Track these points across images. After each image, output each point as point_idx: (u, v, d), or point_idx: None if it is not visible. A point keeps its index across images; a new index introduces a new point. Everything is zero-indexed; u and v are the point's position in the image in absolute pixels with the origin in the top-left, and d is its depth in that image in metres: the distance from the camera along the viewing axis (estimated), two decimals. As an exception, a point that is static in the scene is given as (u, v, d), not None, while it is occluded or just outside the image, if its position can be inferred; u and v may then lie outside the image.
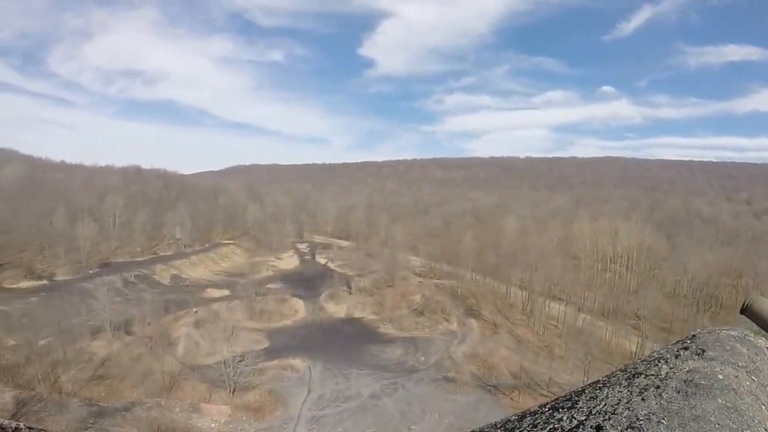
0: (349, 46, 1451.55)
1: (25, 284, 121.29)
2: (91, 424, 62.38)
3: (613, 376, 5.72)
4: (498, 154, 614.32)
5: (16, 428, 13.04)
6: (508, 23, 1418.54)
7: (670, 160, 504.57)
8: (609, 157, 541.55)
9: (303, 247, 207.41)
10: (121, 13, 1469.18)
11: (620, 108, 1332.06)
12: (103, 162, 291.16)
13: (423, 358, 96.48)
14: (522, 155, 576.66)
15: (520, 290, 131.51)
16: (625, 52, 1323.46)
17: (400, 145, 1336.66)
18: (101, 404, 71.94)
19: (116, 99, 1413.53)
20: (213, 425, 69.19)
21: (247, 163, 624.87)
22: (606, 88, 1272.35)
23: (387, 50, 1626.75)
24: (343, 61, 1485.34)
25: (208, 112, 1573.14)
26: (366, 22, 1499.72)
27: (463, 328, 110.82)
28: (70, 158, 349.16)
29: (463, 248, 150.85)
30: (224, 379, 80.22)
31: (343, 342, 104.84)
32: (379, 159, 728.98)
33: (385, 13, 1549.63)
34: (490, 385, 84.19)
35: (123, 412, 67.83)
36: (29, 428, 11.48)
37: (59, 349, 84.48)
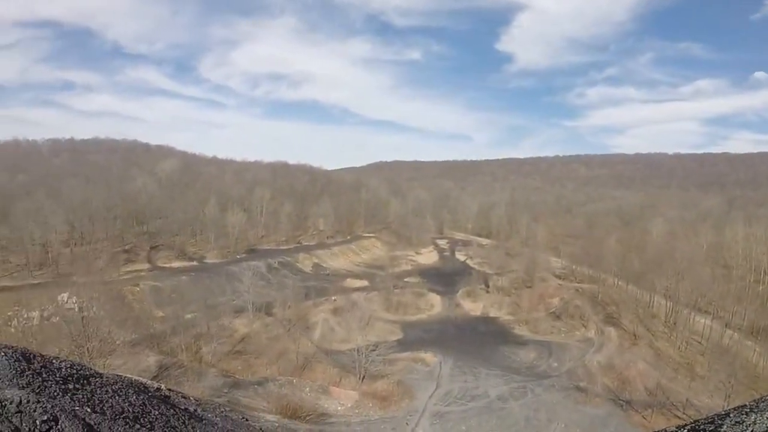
0: (485, 41, 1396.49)
1: (177, 264, 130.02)
2: (225, 393, 64.34)
3: (762, 401, 5.80)
4: (644, 151, 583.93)
5: (157, 389, 12.13)
6: (648, 7, 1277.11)
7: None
8: (766, 152, 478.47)
9: (443, 243, 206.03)
10: (263, 23, 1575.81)
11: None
12: (252, 158, 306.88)
13: (555, 364, 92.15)
14: (670, 151, 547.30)
15: (664, 300, 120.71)
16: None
17: (542, 141, 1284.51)
18: (236, 377, 74.83)
19: (263, 100, 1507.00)
20: (339, 408, 69.18)
21: (389, 160, 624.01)
22: (759, 74, 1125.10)
23: (525, 44, 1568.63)
24: (481, 56, 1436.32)
25: (351, 110, 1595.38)
26: (501, 17, 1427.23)
27: (600, 336, 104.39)
28: (222, 154, 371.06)
29: (605, 251, 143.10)
30: (355, 365, 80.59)
31: (476, 340, 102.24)
32: (521, 156, 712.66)
33: (520, 5, 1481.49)
34: (623, 400, 77.83)
35: (256, 386, 69.76)
36: (169, 390, 11.01)
37: (203, 324, 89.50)
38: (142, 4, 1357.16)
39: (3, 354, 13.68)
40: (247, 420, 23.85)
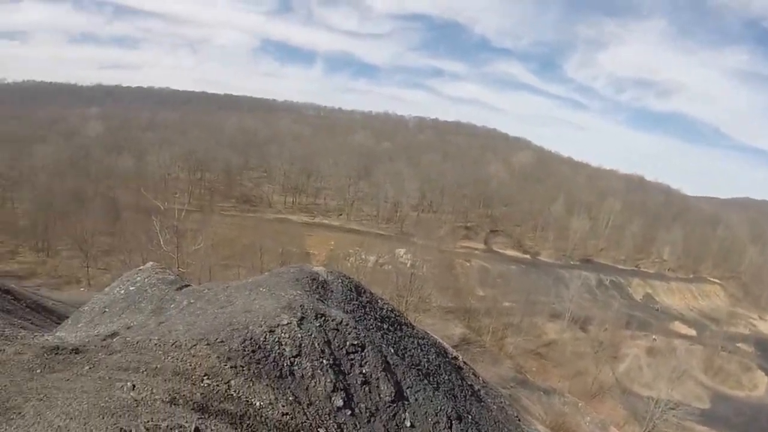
0: None
1: (510, 252, 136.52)
2: (511, 386, 65.80)
3: None
4: None
5: (455, 357, 14.76)
6: None
7: None
8: None
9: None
10: (631, 25, 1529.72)
11: None
12: (607, 165, 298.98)
13: None
14: None
15: None
16: None
17: None
18: (527, 376, 75.86)
19: (627, 107, 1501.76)
20: (609, 450, 65.85)
21: (757, 198, 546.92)
22: None
23: None
24: None
25: (721, 131, 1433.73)
26: None
27: None
28: (577, 156, 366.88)
29: None
30: (646, 416, 74.20)
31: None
32: None
33: None
34: None
35: (541, 393, 70.04)
36: (464, 362, 13.17)
37: (516, 316, 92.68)
38: (508, 1, 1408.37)
39: (341, 281, 16.46)
40: (519, 420, 24.61)
